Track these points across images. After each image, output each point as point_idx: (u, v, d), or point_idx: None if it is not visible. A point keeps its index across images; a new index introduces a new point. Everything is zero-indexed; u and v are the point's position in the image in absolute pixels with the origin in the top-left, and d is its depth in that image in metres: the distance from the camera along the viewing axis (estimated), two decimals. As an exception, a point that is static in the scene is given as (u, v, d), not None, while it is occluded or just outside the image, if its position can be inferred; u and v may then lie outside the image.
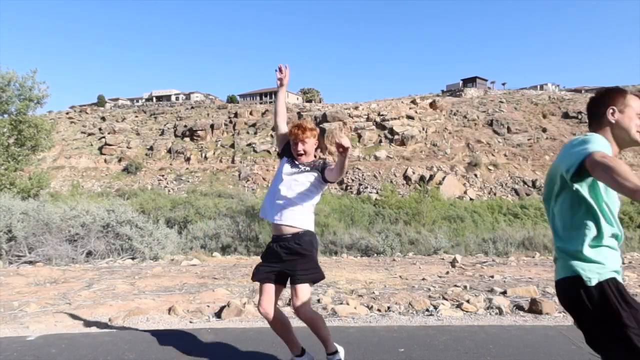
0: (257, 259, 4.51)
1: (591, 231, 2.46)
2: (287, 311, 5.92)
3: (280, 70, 4.53)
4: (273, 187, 4.26)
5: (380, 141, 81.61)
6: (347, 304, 7.06)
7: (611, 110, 2.66)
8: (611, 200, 2.53)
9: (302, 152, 4.27)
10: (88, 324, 6.33)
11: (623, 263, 11.45)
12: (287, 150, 4.41)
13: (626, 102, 2.66)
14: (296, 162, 4.28)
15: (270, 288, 4.15)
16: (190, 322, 6.46)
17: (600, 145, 2.37)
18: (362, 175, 72.56)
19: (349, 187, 69.95)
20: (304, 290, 4.06)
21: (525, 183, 70.15)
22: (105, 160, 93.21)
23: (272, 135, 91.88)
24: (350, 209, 32.53)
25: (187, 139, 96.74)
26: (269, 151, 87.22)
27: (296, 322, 4.63)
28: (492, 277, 9.60)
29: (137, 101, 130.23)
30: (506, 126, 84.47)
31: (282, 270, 4.13)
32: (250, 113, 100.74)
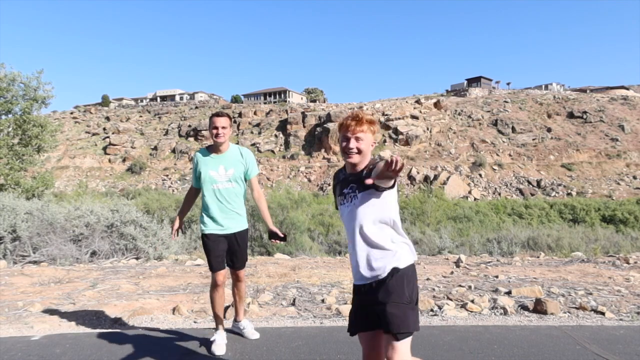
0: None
1: None
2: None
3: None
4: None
5: (385, 141, 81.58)
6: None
7: None
8: None
9: (356, 150, 3.17)
10: (92, 324, 6.33)
11: (628, 263, 11.41)
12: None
13: None
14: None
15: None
16: (195, 322, 6.45)
17: None
18: (367, 175, 72.42)
19: (353, 187, 69.83)
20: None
21: (529, 183, 70.03)
22: (109, 160, 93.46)
23: (276, 135, 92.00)
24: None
25: (191, 139, 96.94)
26: (273, 151, 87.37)
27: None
28: (497, 277, 9.56)
29: (142, 101, 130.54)
30: (511, 126, 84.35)
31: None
32: (255, 113, 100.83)
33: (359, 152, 3.16)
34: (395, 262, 3.10)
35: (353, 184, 3.18)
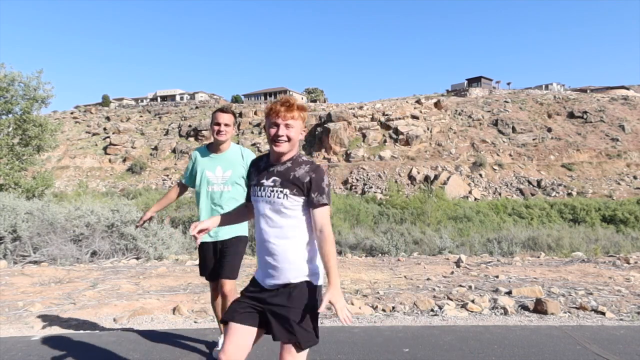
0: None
1: None
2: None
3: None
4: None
5: (385, 141, 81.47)
6: (352, 304, 7.04)
7: None
8: None
9: (286, 138, 2.97)
10: (93, 324, 6.33)
11: (628, 263, 11.41)
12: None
13: None
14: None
15: None
16: (195, 322, 6.45)
17: None
18: (367, 175, 72.49)
19: (353, 187, 69.89)
20: None
21: (530, 183, 69.94)
22: (109, 160, 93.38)
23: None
24: (355, 209, 32.54)
25: (191, 139, 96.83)
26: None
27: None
28: (497, 277, 9.57)
29: (142, 101, 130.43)
30: (511, 126, 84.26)
31: None
32: (255, 113, 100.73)
33: (289, 139, 2.96)
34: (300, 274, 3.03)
35: (277, 178, 2.99)
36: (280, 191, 2.95)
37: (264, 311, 3.00)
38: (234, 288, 4.73)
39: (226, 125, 4.71)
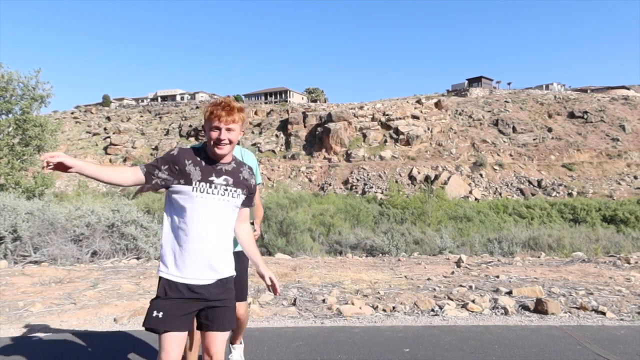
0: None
1: None
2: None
3: None
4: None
5: (386, 141, 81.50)
6: (352, 304, 7.04)
7: None
8: None
9: (228, 141, 3.05)
10: (93, 324, 6.33)
11: (629, 263, 11.41)
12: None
13: None
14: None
15: None
16: (195, 322, 6.45)
17: None
18: (367, 175, 72.54)
19: (354, 187, 69.95)
20: None
21: (530, 183, 69.96)
22: (110, 160, 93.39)
23: (277, 135, 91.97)
24: (355, 209, 32.52)
25: (192, 139, 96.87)
26: (274, 151, 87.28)
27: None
28: (498, 277, 9.57)
29: (142, 101, 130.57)
30: (511, 126, 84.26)
31: None
32: (255, 113, 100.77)
33: (230, 142, 3.06)
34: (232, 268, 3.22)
35: (229, 177, 3.11)
36: (234, 190, 3.11)
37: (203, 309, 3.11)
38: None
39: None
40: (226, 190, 3.07)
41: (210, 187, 3.04)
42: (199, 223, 3.02)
